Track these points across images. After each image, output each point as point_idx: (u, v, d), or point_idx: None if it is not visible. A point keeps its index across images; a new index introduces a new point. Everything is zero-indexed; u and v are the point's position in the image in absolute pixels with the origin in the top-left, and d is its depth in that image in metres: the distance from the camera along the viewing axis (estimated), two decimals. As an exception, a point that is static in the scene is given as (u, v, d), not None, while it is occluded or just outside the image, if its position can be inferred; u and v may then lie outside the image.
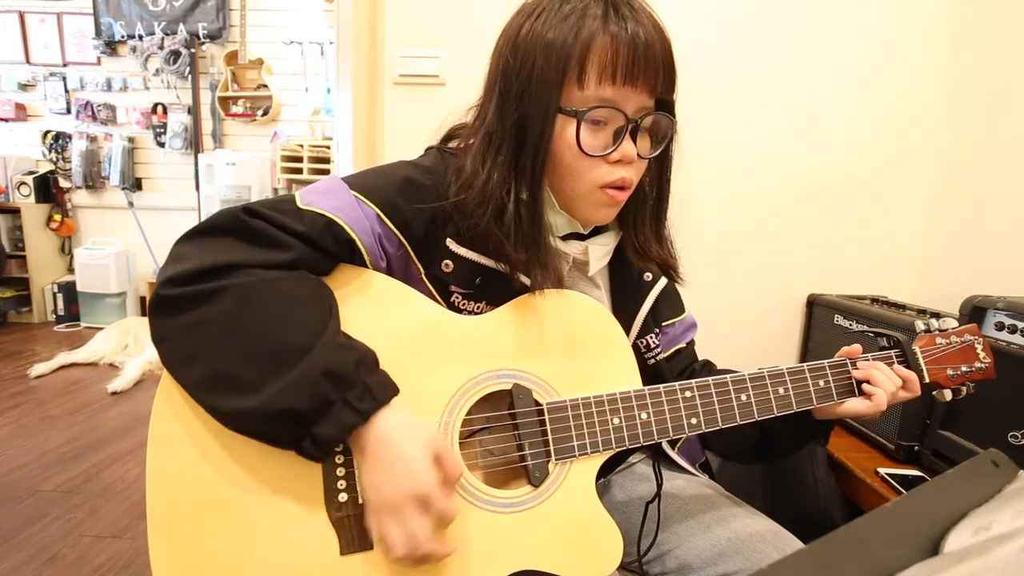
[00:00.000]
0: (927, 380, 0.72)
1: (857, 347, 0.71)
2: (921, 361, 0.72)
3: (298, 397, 0.50)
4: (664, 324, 0.81)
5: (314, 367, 0.51)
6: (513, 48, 0.61)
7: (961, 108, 1.31)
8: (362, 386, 0.52)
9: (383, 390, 0.54)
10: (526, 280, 0.63)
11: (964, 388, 0.74)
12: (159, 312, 0.53)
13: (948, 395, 0.73)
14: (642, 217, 0.71)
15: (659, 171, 0.69)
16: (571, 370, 0.64)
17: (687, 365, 0.83)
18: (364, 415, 0.52)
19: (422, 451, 0.52)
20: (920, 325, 0.75)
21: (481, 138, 0.64)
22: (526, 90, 0.60)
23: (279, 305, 0.53)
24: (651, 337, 0.75)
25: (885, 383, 0.67)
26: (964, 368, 0.73)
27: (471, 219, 0.62)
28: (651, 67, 0.59)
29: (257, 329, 0.52)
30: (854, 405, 0.68)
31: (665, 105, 0.64)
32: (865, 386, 0.68)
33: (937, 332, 0.74)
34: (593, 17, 0.58)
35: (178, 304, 0.52)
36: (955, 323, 0.75)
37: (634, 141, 0.61)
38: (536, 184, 0.62)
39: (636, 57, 0.58)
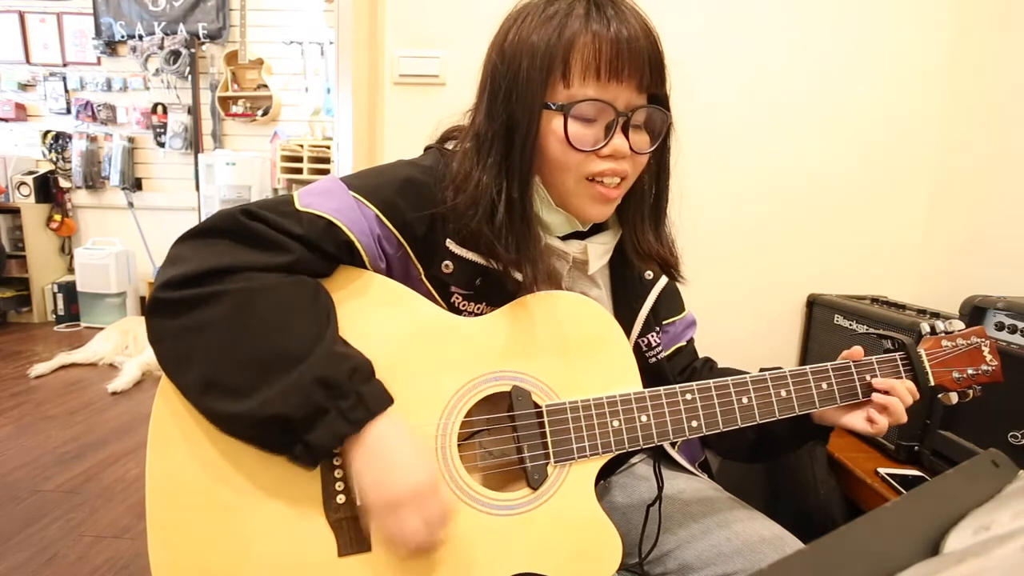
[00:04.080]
0: (932, 383, 0.70)
1: (859, 349, 0.70)
2: (926, 364, 0.71)
3: (290, 404, 0.50)
4: (665, 323, 0.81)
5: (308, 375, 0.51)
6: (500, 52, 0.62)
7: (961, 108, 1.31)
8: (355, 396, 0.52)
9: (376, 400, 0.54)
10: (518, 276, 0.63)
11: (971, 391, 0.73)
12: (156, 314, 0.53)
13: (954, 398, 0.72)
14: (641, 215, 0.70)
15: (657, 168, 0.69)
16: (571, 372, 0.63)
17: (688, 363, 0.83)
18: (357, 425, 0.52)
19: (416, 453, 0.53)
20: (925, 327, 0.74)
21: (471, 140, 0.64)
22: (513, 91, 0.60)
23: (276, 311, 0.53)
24: (652, 336, 0.75)
25: (898, 414, 0.66)
26: (970, 371, 0.72)
27: (462, 220, 0.63)
28: (636, 62, 0.59)
29: (253, 335, 0.52)
30: (854, 422, 0.68)
31: (658, 100, 0.63)
32: (872, 412, 0.67)
33: (943, 334, 0.73)
34: (576, 17, 0.58)
35: (175, 307, 0.52)
36: (961, 325, 0.74)
37: (626, 136, 0.61)
38: (524, 181, 0.62)
39: (619, 52, 0.58)
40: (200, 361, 0.52)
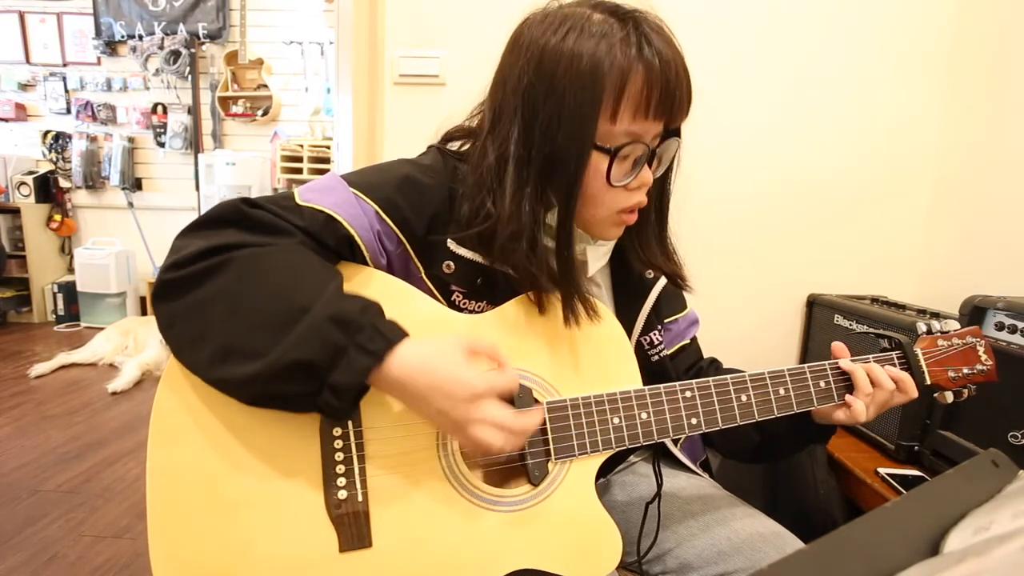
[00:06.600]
0: (928, 382, 0.71)
1: (840, 346, 0.70)
2: (923, 363, 0.71)
3: (308, 348, 0.49)
4: (667, 321, 0.81)
5: (320, 316, 0.50)
6: (538, 71, 0.58)
7: (961, 108, 1.31)
8: (371, 328, 0.51)
9: (393, 330, 0.52)
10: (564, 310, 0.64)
11: (966, 390, 0.73)
12: (164, 297, 0.53)
13: (949, 397, 0.73)
14: (646, 231, 0.71)
15: (660, 184, 0.69)
16: (571, 369, 0.64)
17: (693, 362, 0.84)
18: (377, 356, 0.50)
19: (455, 359, 0.53)
20: (922, 327, 0.74)
21: (511, 168, 0.61)
22: (557, 123, 0.58)
23: (282, 271, 0.53)
24: (654, 334, 0.75)
25: (861, 383, 0.66)
26: (966, 370, 0.73)
27: (506, 256, 0.62)
28: (682, 103, 0.60)
29: (262, 295, 0.52)
30: (837, 414, 0.67)
31: (675, 128, 0.64)
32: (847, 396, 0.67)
33: (939, 334, 0.74)
34: (625, 43, 0.56)
35: (181, 285, 0.52)
36: (957, 325, 0.74)
37: (650, 166, 0.62)
38: (569, 216, 0.61)
39: (669, 93, 0.58)
40: (213, 333, 0.51)
